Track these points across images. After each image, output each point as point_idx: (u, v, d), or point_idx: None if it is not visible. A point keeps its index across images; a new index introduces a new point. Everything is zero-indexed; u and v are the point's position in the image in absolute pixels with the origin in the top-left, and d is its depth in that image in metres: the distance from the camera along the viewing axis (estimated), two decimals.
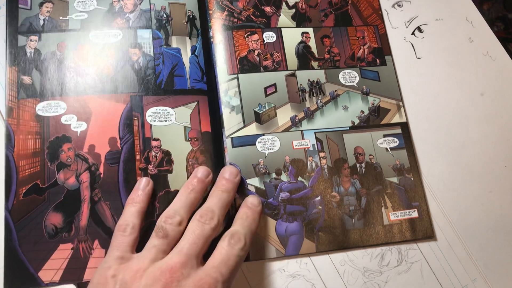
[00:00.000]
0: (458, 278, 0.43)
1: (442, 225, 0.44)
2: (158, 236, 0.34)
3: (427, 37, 0.51)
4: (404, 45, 0.51)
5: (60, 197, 0.39)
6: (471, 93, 0.50)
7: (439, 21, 0.52)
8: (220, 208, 0.36)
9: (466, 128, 0.48)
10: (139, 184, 0.39)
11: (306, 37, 0.48)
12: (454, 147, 0.47)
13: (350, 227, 0.42)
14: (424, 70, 0.50)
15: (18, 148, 0.40)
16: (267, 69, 0.46)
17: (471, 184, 0.46)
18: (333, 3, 0.50)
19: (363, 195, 0.43)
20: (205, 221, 0.35)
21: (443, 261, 0.43)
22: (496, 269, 0.43)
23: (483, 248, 0.44)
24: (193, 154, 0.42)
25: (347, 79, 0.47)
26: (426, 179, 0.46)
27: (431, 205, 0.45)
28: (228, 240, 0.34)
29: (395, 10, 0.52)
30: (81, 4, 0.46)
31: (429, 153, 0.47)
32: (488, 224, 0.45)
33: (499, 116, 0.49)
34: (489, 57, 0.51)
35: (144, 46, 0.45)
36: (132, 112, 0.42)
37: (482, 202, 0.45)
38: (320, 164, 0.43)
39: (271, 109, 0.45)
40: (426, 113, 0.48)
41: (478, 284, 0.43)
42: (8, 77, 0.42)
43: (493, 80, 0.50)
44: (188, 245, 0.33)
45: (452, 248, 0.43)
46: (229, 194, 0.38)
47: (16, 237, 0.37)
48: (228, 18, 0.47)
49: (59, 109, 0.41)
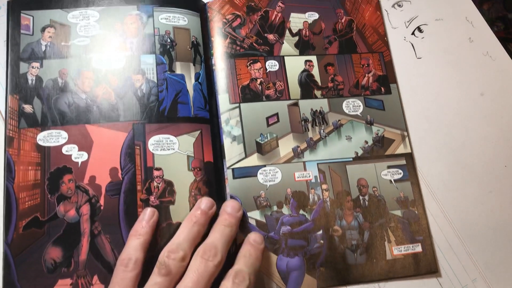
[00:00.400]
0: (458, 278, 0.42)
1: (442, 225, 0.44)
2: (160, 274, 0.34)
3: (427, 37, 0.51)
4: (404, 45, 0.51)
5: (60, 230, 0.38)
6: (471, 93, 0.49)
7: (439, 21, 0.52)
8: (223, 244, 0.36)
9: (466, 128, 0.48)
10: (144, 214, 0.38)
11: (309, 65, 0.47)
12: (454, 147, 0.47)
13: (352, 262, 0.41)
14: (424, 70, 0.50)
15: (18, 179, 0.39)
16: (269, 98, 0.46)
17: (471, 184, 0.46)
18: (338, 30, 0.50)
19: (366, 229, 0.42)
20: (208, 257, 0.34)
21: (443, 261, 0.43)
22: (496, 269, 0.43)
23: (483, 248, 0.44)
24: (196, 185, 0.41)
25: (351, 108, 0.47)
26: (426, 179, 0.45)
27: (431, 205, 0.45)
28: (232, 280, 0.34)
29: (395, 10, 0.52)
30: (83, 29, 0.45)
31: (429, 153, 0.46)
32: (488, 224, 0.44)
33: (499, 116, 0.49)
34: (489, 57, 0.51)
35: (148, 72, 0.44)
36: (134, 140, 0.42)
37: (482, 202, 0.45)
38: (322, 196, 0.43)
39: (273, 139, 0.44)
40: (426, 113, 0.48)
41: (478, 284, 0.42)
42: (9, 106, 0.42)
43: (493, 80, 0.50)
44: (191, 284, 0.33)
45: (452, 248, 0.43)
46: (232, 229, 0.37)
47: (15, 272, 0.37)
48: (230, 45, 0.47)
49: (60, 138, 0.41)
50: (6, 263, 0.37)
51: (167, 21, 0.46)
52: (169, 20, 0.46)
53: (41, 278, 0.37)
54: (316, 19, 0.50)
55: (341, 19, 0.50)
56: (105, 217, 0.39)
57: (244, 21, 0.48)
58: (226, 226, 0.37)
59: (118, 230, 0.39)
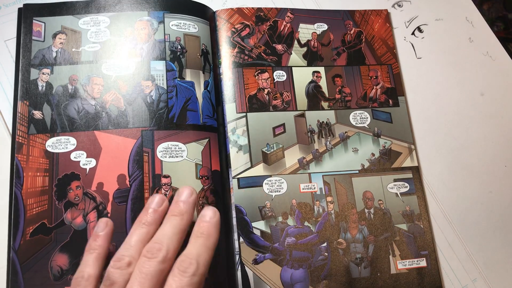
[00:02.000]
0: (458, 278, 0.42)
1: (442, 225, 0.44)
2: (105, 286, 0.31)
3: (427, 37, 0.51)
4: (404, 45, 0.51)
5: (67, 237, 0.39)
6: (471, 93, 0.49)
7: (439, 21, 0.52)
8: (171, 236, 0.33)
9: (466, 128, 0.48)
10: (97, 227, 0.36)
11: (317, 76, 0.47)
12: (454, 147, 0.47)
13: (356, 276, 0.41)
14: (424, 70, 0.50)
15: (26, 185, 0.40)
16: (276, 109, 0.46)
17: (471, 184, 0.46)
18: (346, 41, 0.50)
19: (370, 242, 0.42)
20: (152, 255, 0.31)
21: (443, 261, 0.43)
22: (496, 269, 0.43)
23: (483, 248, 0.44)
24: (203, 193, 0.41)
25: (358, 120, 0.47)
26: (426, 179, 0.46)
27: (431, 205, 0.45)
28: (177, 269, 0.31)
29: (395, 10, 0.52)
30: (94, 35, 0.46)
31: (429, 153, 0.46)
32: (488, 224, 0.45)
33: (499, 116, 0.49)
34: (489, 57, 0.51)
35: (157, 79, 0.44)
36: (142, 147, 0.42)
37: (482, 202, 0.45)
38: (327, 209, 0.43)
39: (279, 149, 0.44)
40: (426, 113, 0.48)
41: (478, 284, 0.43)
42: (19, 112, 0.42)
43: (493, 80, 0.50)
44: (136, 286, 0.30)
45: (452, 248, 0.43)
46: (183, 217, 0.34)
47: (22, 279, 0.37)
48: (238, 55, 0.47)
49: (68, 145, 0.42)
50: (13, 271, 0.37)
51: (177, 27, 0.46)
52: (179, 26, 0.46)
53: (47, 285, 0.37)
54: (325, 30, 0.50)
55: (350, 31, 0.50)
56: None
57: (253, 30, 0.48)
58: (175, 215, 0.34)
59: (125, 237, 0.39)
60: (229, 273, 0.40)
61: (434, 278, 0.42)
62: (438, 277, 0.42)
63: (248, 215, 0.42)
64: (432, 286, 0.42)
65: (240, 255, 0.40)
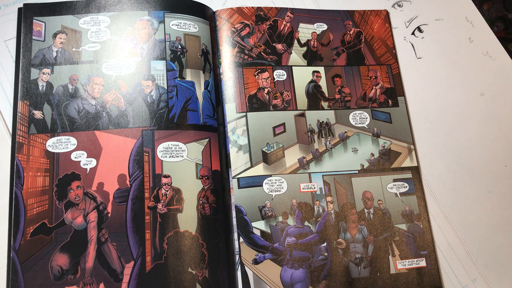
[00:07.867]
0: (458, 278, 0.43)
1: (442, 225, 0.44)
2: None
3: (427, 37, 0.51)
4: (404, 45, 0.51)
5: (67, 237, 0.39)
6: (471, 93, 0.50)
7: (439, 21, 0.52)
8: None
9: (466, 128, 0.48)
10: None
11: (317, 76, 0.48)
12: (454, 147, 0.47)
13: (355, 276, 0.41)
14: (424, 70, 0.50)
15: (27, 185, 0.40)
16: (276, 108, 0.46)
17: (471, 184, 0.46)
18: (346, 41, 0.50)
19: (370, 242, 0.42)
20: None
21: (443, 261, 0.43)
22: (496, 269, 0.43)
23: (483, 248, 0.44)
24: (203, 193, 0.41)
25: (357, 120, 0.47)
26: (426, 179, 0.46)
27: (431, 205, 0.45)
28: None
29: (395, 10, 0.52)
30: (94, 35, 0.45)
31: (428, 153, 0.47)
32: (488, 224, 0.45)
33: (499, 116, 0.49)
34: (489, 57, 0.51)
35: (158, 78, 0.44)
36: (142, 147, 0.42)
37: (482, 202, 0.45)
38: (327, 209, 0.43)
39: (279, 149, 0.44)
40: (426, 113, 0.48)
41: (478, 284, 0.43)
42: (19, 111, 0.42)
43: (493, 80, 0.50)
44: None
45: (452, 248, 0.43)
46: None
47: (22, 278, 0.37)
48: (238, 54, 0.47)
49: (69, 145, 0.42)
50: (13, 271, 0.37)
51: (178, 27, 0.46)
52: (180, 26, 0.46)
53: (47, 285, 0.37)
54: (324, 30, 0.50)
55: (350, 31, 0.50)
56: (112, 224, 0.40)
57: (253, 30, 0.48)
58: None
59: (125, 237, 0.39)
60: (229, 273, 0.40)
61: (434, 278, 0.42)
62: (438, 277, 0.42)
63: (248, 215, 0.42)
64: (431, 286, 0.42)
65: (240, 255, 0.40)
